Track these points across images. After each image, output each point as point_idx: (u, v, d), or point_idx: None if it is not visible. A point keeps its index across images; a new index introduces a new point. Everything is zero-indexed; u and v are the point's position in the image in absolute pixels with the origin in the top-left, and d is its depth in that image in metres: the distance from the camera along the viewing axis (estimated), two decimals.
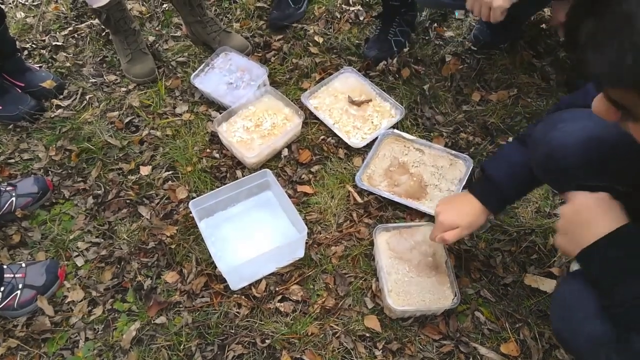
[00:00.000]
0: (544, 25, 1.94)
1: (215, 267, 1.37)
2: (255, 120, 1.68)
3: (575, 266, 1.32)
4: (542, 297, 1.31)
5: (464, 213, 1.19)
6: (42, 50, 2.00)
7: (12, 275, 1.34)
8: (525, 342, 1.26)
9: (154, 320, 1.32)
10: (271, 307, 1.33)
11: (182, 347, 1.27)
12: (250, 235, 1.45)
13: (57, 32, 2.07)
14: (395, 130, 1.64)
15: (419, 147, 1.62)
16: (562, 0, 1.59)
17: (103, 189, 1.58)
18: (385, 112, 1.71)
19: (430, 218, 1.46)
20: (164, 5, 2.15)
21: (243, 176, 1.57)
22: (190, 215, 1.46)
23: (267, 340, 1.27)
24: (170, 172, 1.61)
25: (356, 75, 1.79)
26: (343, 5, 2.10)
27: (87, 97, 1.83)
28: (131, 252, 1.44)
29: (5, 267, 1.35)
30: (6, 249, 1.46)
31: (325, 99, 1.75)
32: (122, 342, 1.28)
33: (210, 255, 1.38)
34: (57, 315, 1.34)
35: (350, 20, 2.04)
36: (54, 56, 1.98)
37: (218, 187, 1.54)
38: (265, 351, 1.26)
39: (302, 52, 1.91)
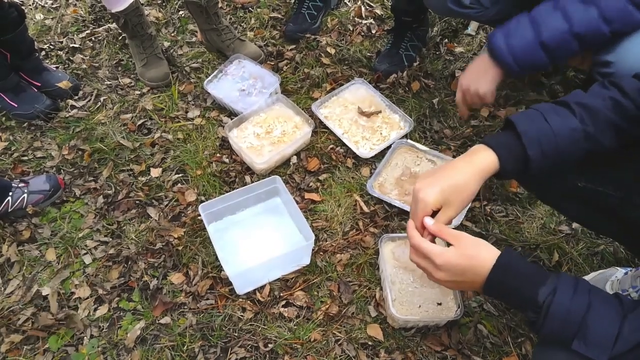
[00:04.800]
0: None
1: (221, 270, 1.38)
2: (266, 127, 1.70)
3: None
4: None
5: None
6: (59, 52, 2.04)
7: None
8: (527, 357, 1.26)
9: (158, 320, 1.33)
10: (275, 312, 1.34)
11: (185, 348, 1.28)
12: (258, 241, 1.46)
13: (75, 35, 2.11)
14: (409, 141, 1.66)
15: (431, 159, 1.64)
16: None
17: (113, 189, 1.60)
18: (394, 124, 1.73)
19: None
20: (180, 12, 2.19)
21: (252, 182, 1.59)
22: (198, 218, 1.48)
23: (269, 345, 1.28)
24: (180, 175, 1.63)
25: (366, 87, 1.82)
26: (356, 18, 2.13)
27: (102, 98, 1.86)
28: (138, 252, 1.46)
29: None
30: (15, 244, 1.48)
31: (335, 108, 1.78)
32: (126, 340, 1.29)
33: (216, 258, 1.39)
34: (62, 311, 1.35)
35: (363, 33, 2.07)
36: (71, 58, 2.02)
37: (227, 191, 1.56)
38: (267, 355, 1.27)
39: (314, 62, 1.94)
